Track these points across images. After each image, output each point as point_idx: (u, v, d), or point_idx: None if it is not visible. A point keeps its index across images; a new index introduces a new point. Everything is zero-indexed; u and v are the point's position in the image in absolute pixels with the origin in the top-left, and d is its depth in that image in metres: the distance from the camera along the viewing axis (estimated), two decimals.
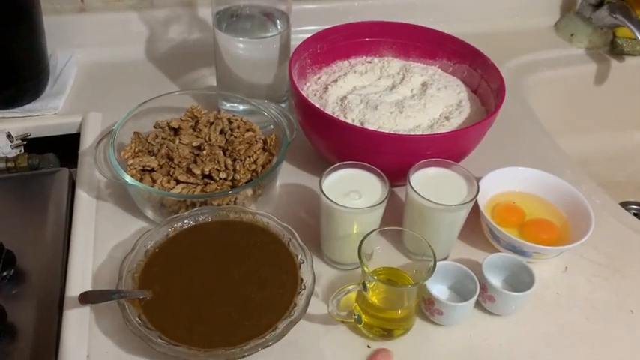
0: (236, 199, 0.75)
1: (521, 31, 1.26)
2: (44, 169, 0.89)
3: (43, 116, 0.95)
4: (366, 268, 0.61)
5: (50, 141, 0.95)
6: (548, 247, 0.72)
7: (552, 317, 0.71)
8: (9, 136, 0.90)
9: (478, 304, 0.70)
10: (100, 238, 0.76)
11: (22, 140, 0.92)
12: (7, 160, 0.88)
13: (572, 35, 1.23)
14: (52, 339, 0.66)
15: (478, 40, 0.93)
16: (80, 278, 0.70)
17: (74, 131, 0.95)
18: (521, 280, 0.70)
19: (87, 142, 0.90)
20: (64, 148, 0.94)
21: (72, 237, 0.75)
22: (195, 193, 0.75)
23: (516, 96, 1.07)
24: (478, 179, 0.77)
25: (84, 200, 0.80)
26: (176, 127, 0.84)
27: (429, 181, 0.72)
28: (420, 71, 0.92)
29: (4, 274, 0.71)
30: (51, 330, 0.66)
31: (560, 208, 0.79)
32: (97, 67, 1.06)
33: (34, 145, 0.94)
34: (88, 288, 0.70)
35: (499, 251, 0.75)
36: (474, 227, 0.78)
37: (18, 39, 0.90)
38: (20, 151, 0.92)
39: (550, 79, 1.17)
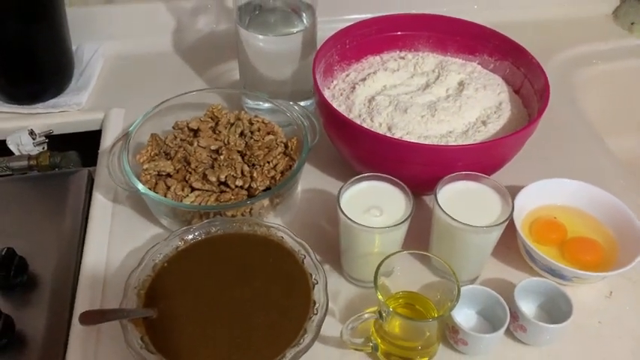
0: (252, 208, 0.71)
1: (575, 18, 1.16)
2: (64, 168, 0.88)
3: (66, 112, 0.93)
4: (381, 297, 0.56)
5: (74, 137, 0.93)
6: (589, 273, 0.65)
7: (592, 350, 0.64)
8: (31, 132, 0.89)
9: (509, 332, 0.64)
10: (114, 245, 0.74)
11: (45, 137, 0.90)
12: (29, 157, 0.87)
13: (632, 24, 1.13)
14: (60, 351, 0.64)
15: (527, 29, 0.85)
16: (90, 290, 0.68)
17: (97, 128, 0.93)
18: (558, 307, 0.64)
19: (107, 140, 0.88)
20: (87, 145, 0.91)
21: (85, 244, 0.73)
22: (210, 201, 0.71)
23: (564, 94, 0.98)
24: (517, 190, 0.70)
25: (100, 203, 0.78)
26: (195, 128, 0.80)
27: (458, 197, 0.66)
28: (458, 68, 0.85)
29: (17, 280, 0.70)
30: (59, 341, 0.65)
31: (607, 225, 0.72)
32: (122, 60, 1.04)
33: (56, 141, 0.92)
34: (98, 299, 0.68)
35: (535, 271, 0.69)
36: (510, 244, 0.72)
37: (40, 33, 0.88)
38: (43, 148, 0.90)
39: (605, 74, 1.07)
